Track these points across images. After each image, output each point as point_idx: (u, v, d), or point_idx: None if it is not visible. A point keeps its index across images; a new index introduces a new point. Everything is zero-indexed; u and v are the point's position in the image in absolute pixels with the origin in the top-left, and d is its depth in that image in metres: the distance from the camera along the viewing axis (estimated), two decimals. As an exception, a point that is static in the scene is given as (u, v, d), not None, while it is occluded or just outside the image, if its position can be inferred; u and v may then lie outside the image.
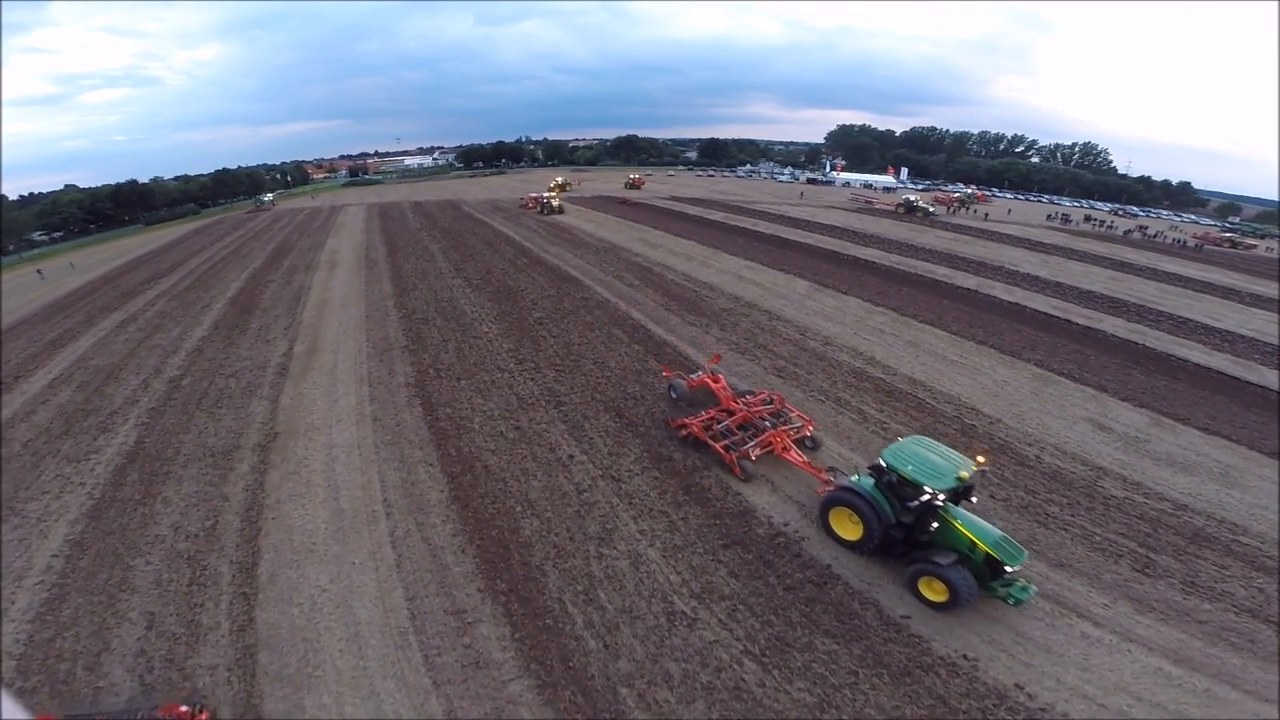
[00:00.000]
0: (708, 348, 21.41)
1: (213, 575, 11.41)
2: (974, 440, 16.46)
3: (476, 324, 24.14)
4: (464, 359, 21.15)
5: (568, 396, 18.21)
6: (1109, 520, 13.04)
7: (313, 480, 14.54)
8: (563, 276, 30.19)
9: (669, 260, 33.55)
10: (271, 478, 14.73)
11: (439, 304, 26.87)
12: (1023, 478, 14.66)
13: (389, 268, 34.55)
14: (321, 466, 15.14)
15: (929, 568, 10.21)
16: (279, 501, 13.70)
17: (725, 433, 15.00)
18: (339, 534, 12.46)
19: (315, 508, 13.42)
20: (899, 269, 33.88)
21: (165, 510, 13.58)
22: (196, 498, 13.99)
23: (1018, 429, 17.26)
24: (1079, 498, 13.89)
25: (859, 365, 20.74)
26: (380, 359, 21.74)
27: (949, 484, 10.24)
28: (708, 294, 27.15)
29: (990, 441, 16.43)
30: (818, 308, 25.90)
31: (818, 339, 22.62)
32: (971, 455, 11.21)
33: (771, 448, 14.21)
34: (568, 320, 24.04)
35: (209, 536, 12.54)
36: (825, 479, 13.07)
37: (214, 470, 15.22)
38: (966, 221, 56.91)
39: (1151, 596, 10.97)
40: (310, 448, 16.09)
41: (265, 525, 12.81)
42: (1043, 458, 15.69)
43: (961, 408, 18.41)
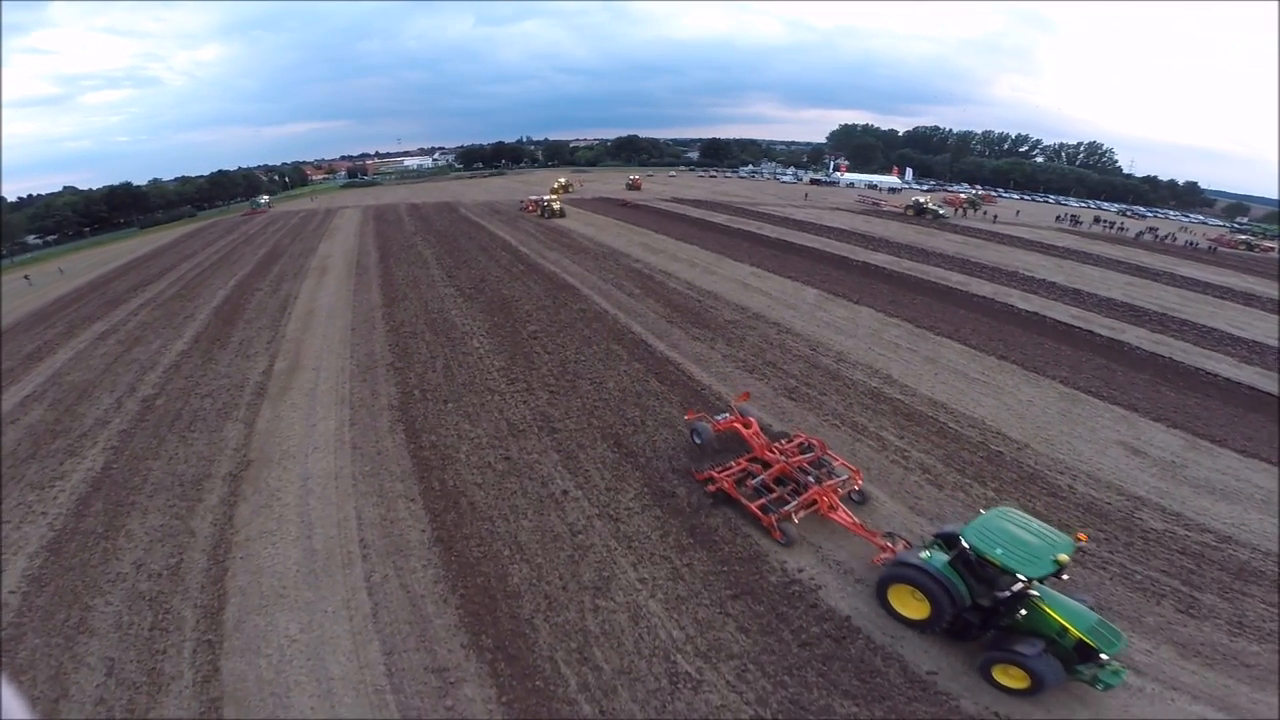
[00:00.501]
0: (712, 366, 20.08)
1: (176, 619, 10.63)
2: (1002, 469, 15.25)
3: (467, 338, 22.80)
4: (452, 378, 19.83)
5: (562, 422, 16.89)
6: (1149, 556, 12.07)
7: (285, 515, 13.45)
8: (560, 285, 28.85)
9: (671, 267, 32.19)
10: (241, 511, 13.66)
11: (429, 315, 25.54)
12: (1056, 511, 13.45)
13: (380, 275, 33.23)
14: (295, 500, 14.05)
15: (1010, 656, 8.72)
16: (248, 539, 12.68)
17: (761, 489, 12.99)
18: (311, 577, 11.43)
19: (286, 547, 12.39)
20: (911, 275, 32.49)
21: (128, 545, 12.72)
22: (161, 532, 13.07)
23: (1047, 455, 16.00)
24: (1116, 532, 12.81)
25: (875, 385, 19.38)
26: (364, 378, 20.44)
27: (1045, 569, 8.55)
28: (712, 304, 25.78)
29: (1019, 470, 15.24)
30: (829, 319, 24.53)
31: (830, 355, 21.25)
32: (1059, 524, 9.92)
33: (816, 507, 12.33)
34: (564, 334, 22.68)
35: (173, 576, 11.70)
36: (883, 545, 11.30)
37: (181, 502, 14.23)
38: (976, 224, 55.51)
39: (1196, 640, 10.10)
40: (284, 478, 14.99)
41: (233, 565, 11.88)
42: (1076, 488, 14.52)
43: (987, 432, 17.10)
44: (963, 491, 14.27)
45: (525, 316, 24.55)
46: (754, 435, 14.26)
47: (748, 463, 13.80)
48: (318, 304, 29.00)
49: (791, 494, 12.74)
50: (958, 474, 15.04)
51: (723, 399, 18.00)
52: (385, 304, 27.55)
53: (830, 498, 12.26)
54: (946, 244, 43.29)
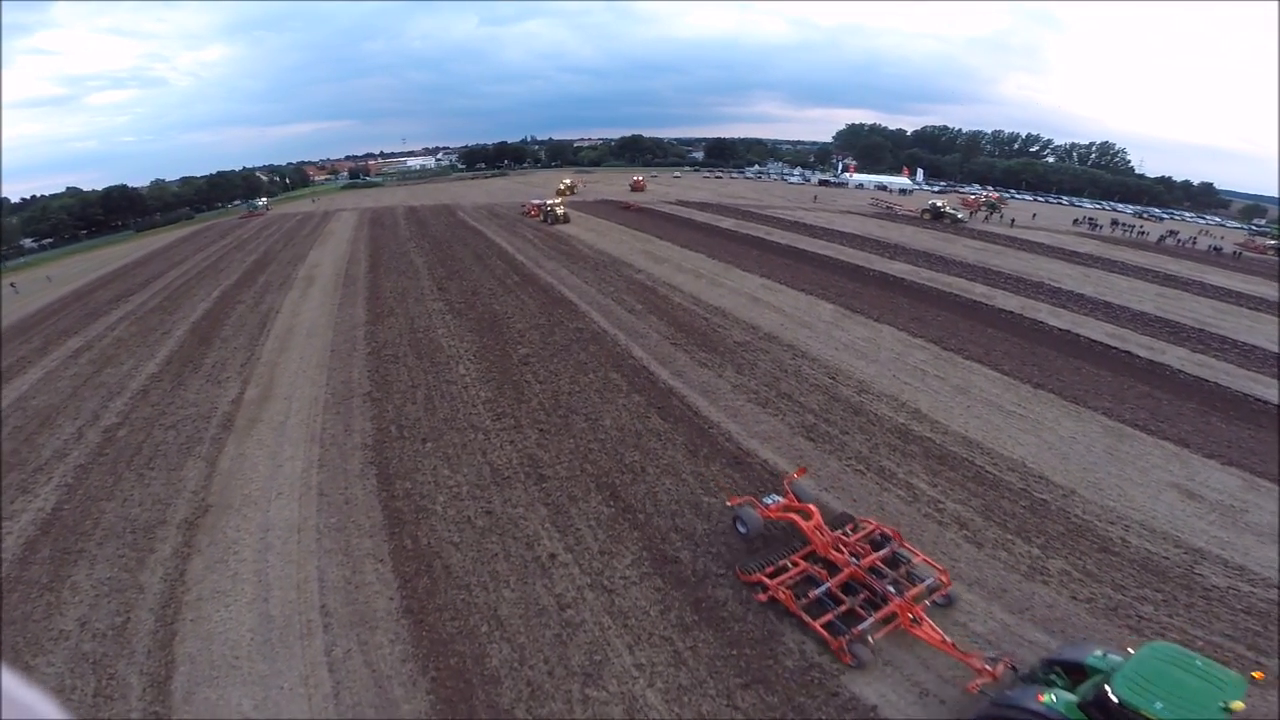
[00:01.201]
0: (721, 398, 18.14)
1: (121, 686, 9.79)
2: (1047, 521, 13.45)
3: (453, 363, 20.94)
4: (433, 411, 17.99)
5: (552, 468, 15.05)
6: (1212, 618, 10.75)
7: (241, 573, 12.08)
8: (556, 299, 26.93)
9: (675, 278, 30.22)
10: (194, 566, 12.35)
11: (414, 335, 23.69)
12: (1108, 569, 11.88)
13: (367, 286, 31.42)
14: (252, 555, 12.62)
15: None
16: (200, 599, 11.43)
17: (826, 598, 10.37)
18: (267, 648, 10.22)
19: (241, 610, 11.09)
20: (932, 287, 30.44)
21: (73, 599, 11.69)
22: (109, 586, 11.99)
23: (1096, 503, 14.18)
24: (1175, 590, 11.34)
25: (902, 421, 17.43)
26: (338, 410, 18.66)
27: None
28: (720, 323, 23.80)
29: (1066, 521, 13.46)
30: (847, 340, 22.53)
31: (851, 384, 19.27)
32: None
33: (896, 622, 9.84)
34: (558, 359, 20.78)
35: (119, 637, 10.72)
36: (982, 669, 8.89)
37: (132, 551, 12.99)
38: (993, 228, 53.31)
39: (1269, 718, 8.83)
40: (243, 528, 13.52)
41: (182, 628, 10.81)
42: (1129, 540, 12.83)
43: (1028, 477, 15.20)
44: (1005, 550, 12.53)
45: (517, 337, 22.66)
46: (816, 530, 11.45)
47: (807, 562, 11.18)
48: (299, 320, 27.23)
49: (865, 604, 10.30)
50: (998, 528, 13.22)
51: (732, 439, 16.11)
52: (369, 321, 25.74)
53: (914, 610, 9.91)
54: (965, 251, 41.18)
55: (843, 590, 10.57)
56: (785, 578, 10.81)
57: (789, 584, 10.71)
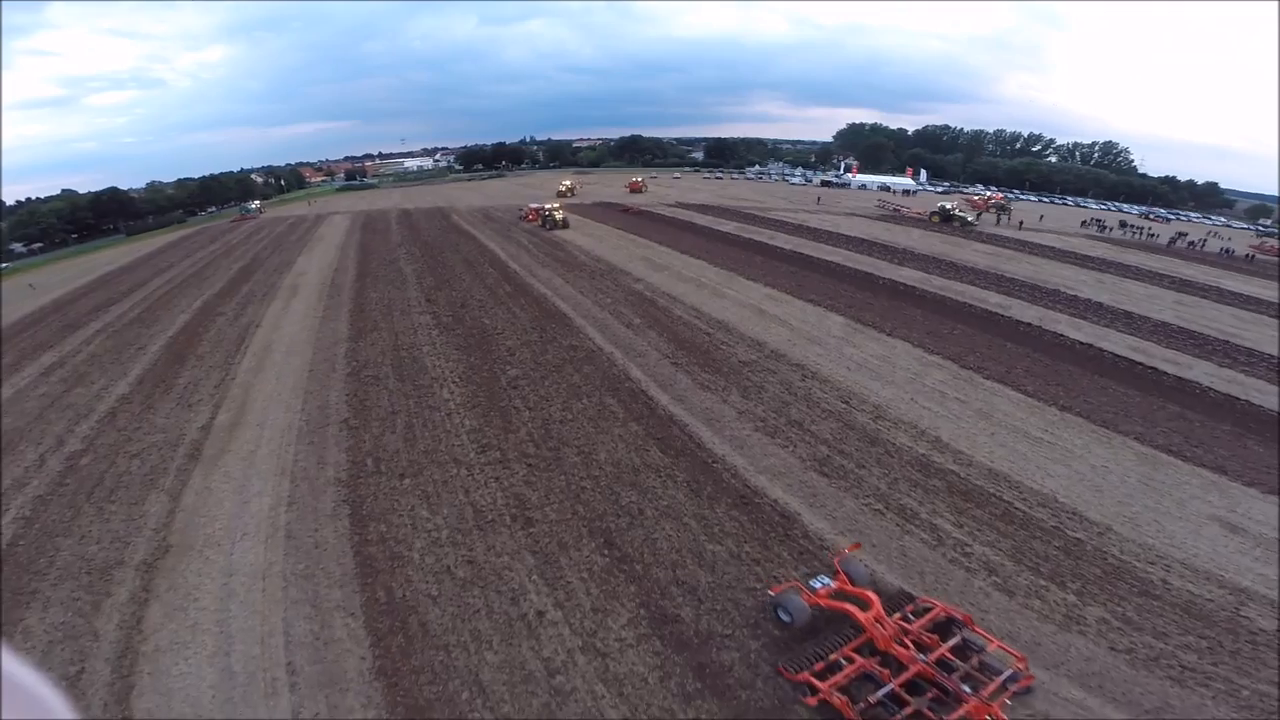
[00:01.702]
0: (726, 427, 16.70)
1: None
2: (1082, 563, 12.22)
3: (437, 386, 19.50)
4: (413, 443, 16.57)
5: (540, 510, 13.64)
6: (1258, 665, 9.91)
7: (201, 623, 11.13)
8: (549, 312, 25.46)
9: (676, 288, 28.77)
10: (153, 613, 11.40)
11: (397, 353, 22.25)
12: (1149, 615, 10.83)
13: (352, 297, 29.97)
14: (214, 603, 11.56)
15: None
16: (158, 650, 10.58)
17: (889, 701, 8.80)
18: (229, 707, 9.47)
19: (201, 664, 10.23)
20: (945, 296, 29.00)
21: (25, 645, 10.98)
22: (63, 631, 11.20)
23: (1134, 541, 12.94)
24: (1220, 636, 10.40)
25: (923, 451, 16.01)
26: (311, 440, 17.26)
27: None
28: (723, 338, 22.35)
29: (1104, 564, 12.25)
30: (860, 358, 21.08)
31: (866, 409, 17.84)
32: None
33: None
34: (550, 381, 19.33)
35: (73, 688, 10.07)
36: None
37: (87, 595, 12.09)
38: (1001, 231, 51.86)
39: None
40: (204, 572, 12.41)
41: (139, 681, 10.05)
42: (1170, 581, 11.74)
43: (1060, 513, 13.83)
44: (1038, 598, 11.29)
45: (506, 355, 21.20)
46: (873, 621, 9.63)
47: (863, 657, 9.46)
48: (279, 336, 25.80)
49: (934, 704, 8.69)
50: (1031, 573, 11.95)
51: (739, 475, 14.70)
52: (351, 336, 24.29)
53: (992, 711, 8.33)
54: (976, 256, 39.76)
55: (907, 689, 8.91)
56: (839, 678, 9.03)
57: (844, 683, 8.99)
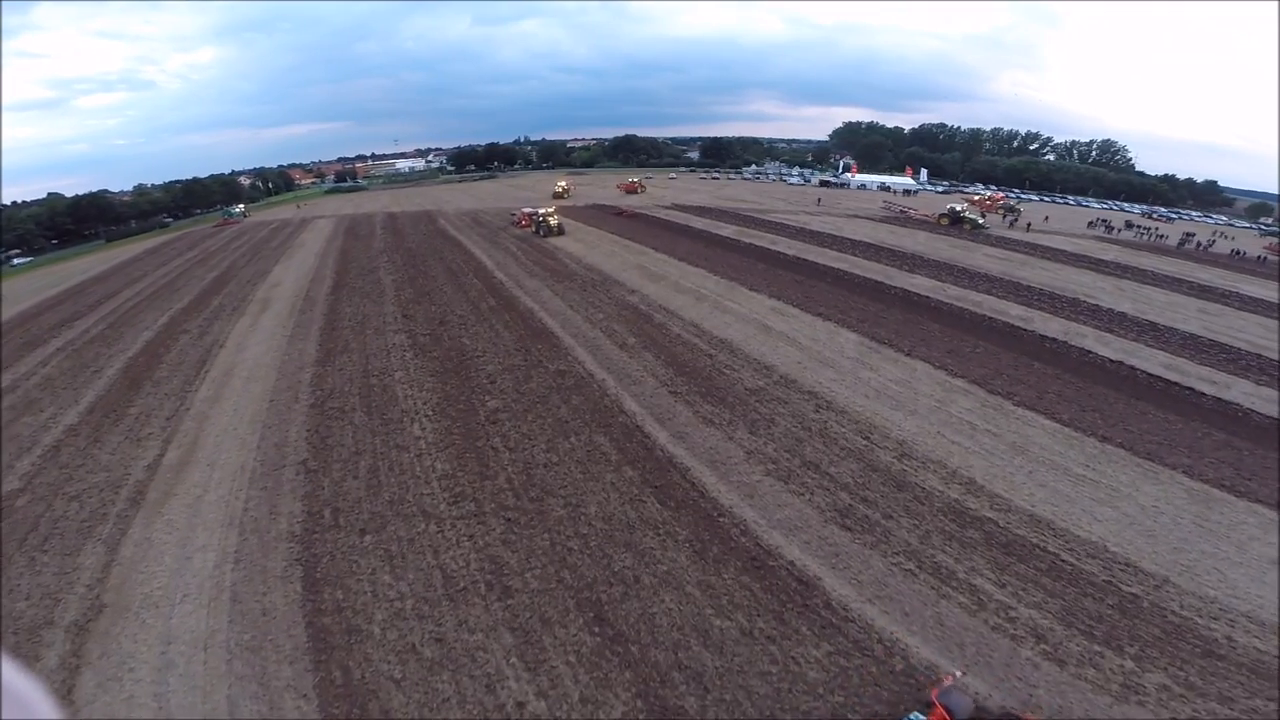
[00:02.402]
0: (733, 471, 14.70)
1: None
2: (1139, 622, 10.74)
3: (407, 420, 17.42)
4: (377, 490, 14.54)
5: (521, 577, 11.68)
6: None
7: (137, 696, 9.82)
8: (536, 330, 23.37)
9: (674, 301, 26.71)
10: (83, 683, 10.14)
11: (366, 380, 20.15)
12: (1214, 678, 9.69)
13: (325, 312, 27.83)
14: (150, 675, 10.18)
15: None
16: None
17: None
18: None
19: None
20: (962, 308, 27.04)
21: None
22: None
23: (1193, 593, 11.47)
24: None
25: (956, 495, 14.09)
26: (265, 484, 15.25)
27: None
28: (727, 361, 20.32)
29: (1162, 621, 10.80)
30: (878, 383, 19.10)
31: (889, 446, 15.87)
32: None
33: None
34: (534, 414, 17.28)
35: None
36: None
37: (13, 658, 9.51)
38: (1009, 233, 49.98)
39: None
40: (141, 638, 10.93)
41: None
42: (1235, 639, 10.41)
43: (1112, 565, 12.18)
44: (1092, 666, 9.86)
45: (486, 383, 19.13)
46: None
47: None
48: (242, 358, 23.66)
49: None
50: (1084, 637, 10.42)
51: (749, 531, 12.77)
52: (319, 360, 22.18)
53: None
54: (987, 261, 37.85)
55: None
56: None
57: None
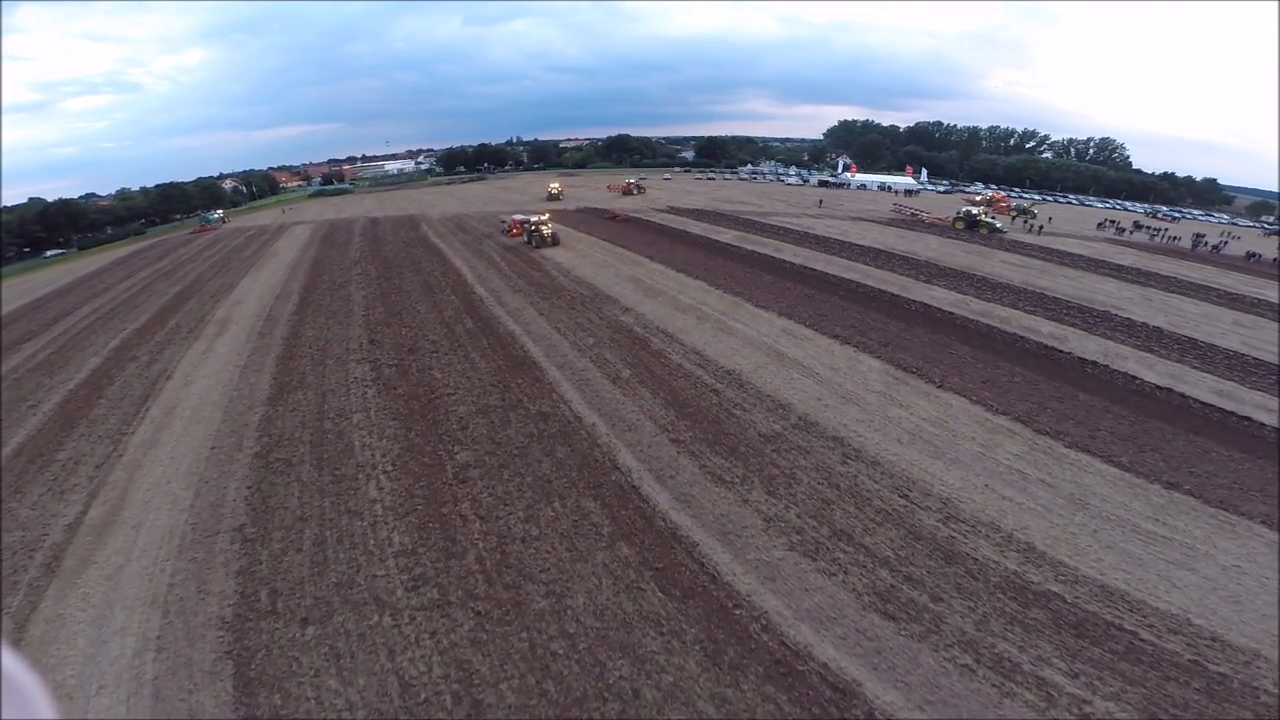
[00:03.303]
0: (750, 547, 12.22)
1: None
2: (1229, 705, 8.89)
3: (363, 478, 14.85)
4: (323, 568, 12.04)
5: (494, 689, 9.27)
6: None
7: None
8: (517, 360, 20.74)
9: (673, 321, 24.14)
10: None
11: (320, 424, 17.53)
12: None
13: (285, 336, 25.17)
14: None
15: None
16: None
17: None
18: None
19: None
20: (989, 325, 24.68)
21: None
22: None
23: None
24: None
25: (1014, 567, 11.75)
26: (195, 554, 12.78)
27: None
28: (736, 398, 17.76)
29: (1255, 704, 8.96)
30: (911, 423, 16.65)
31: (932, 505, 13.46)
32: None
33: None
34: (511, 471, 14.72)
35: None
36: None
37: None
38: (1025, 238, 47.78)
39: None
40: None
41: None
42: None
43: (1197, 641, 10.15)
44: None
45: (457, 429, 16.52)
46: None
47: None
48: (188, 393, 21.03)
49: None
50: None
51: (771, 626, 10.34)
52: (271, 397, 19.56)
53: None
54: (1005, 268, 35.60)
55: None
56: None
57: None
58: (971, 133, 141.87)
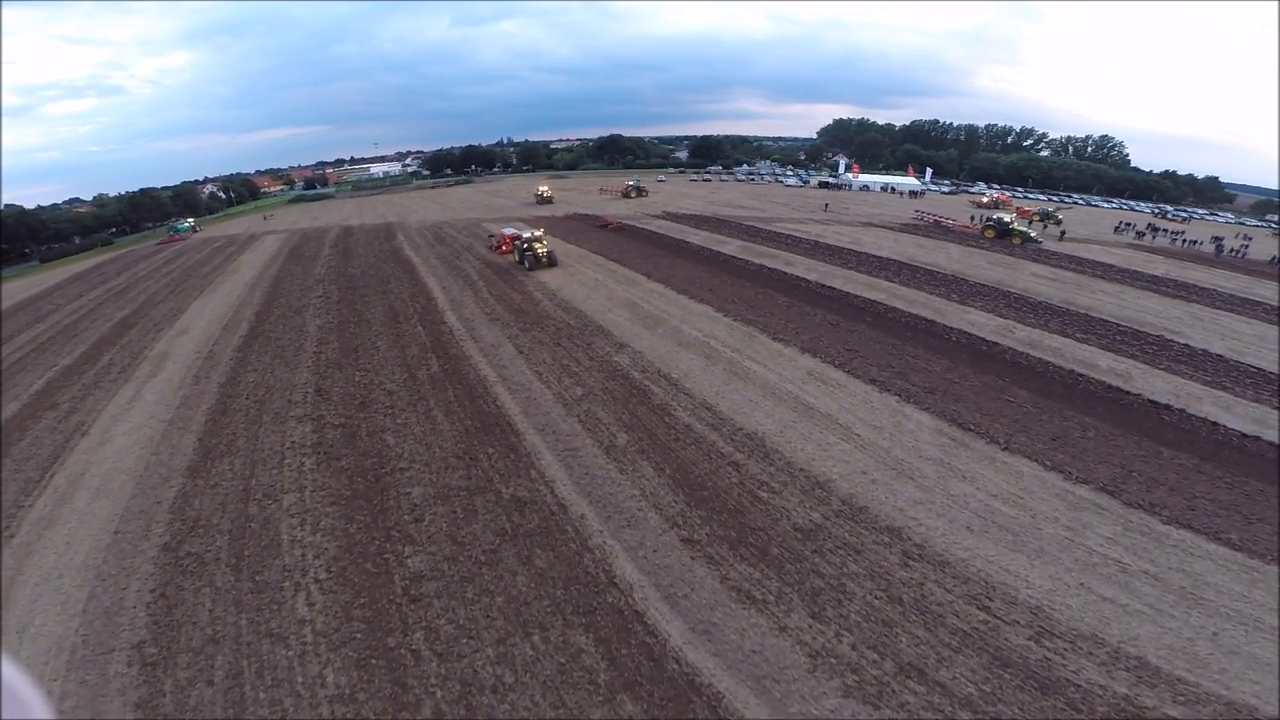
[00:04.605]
0: (791, 693, 8.84)
1: None
2: None
3: (290, 585, 11.32)
4: (239, 709, 8.56)
5: None
6: None
7: None
8: (488, 418, 17.01)
9: (677, 363, 20.30)
10: None
11: (245, 507, 13.96)
12: None
13: (223, 381, 21.46)
14: None
15: None
16: None
17: None
18: None
19: None
20: (1042, 360, 21.33)
21: None
22: None
23: None
24: None
25: (1126, 691, 9.19)
26: (85, 676, 9.61)
27: None
28: (761, 474, 14.15)
29: None
30: (980, 503, 13.28)
31: (1020, 618, 10.16)
32: None
33: None
34: (477, 586, 11.18)
35: None
36: None
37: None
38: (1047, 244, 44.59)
39: None
40: None
41: None
42: None
43: None
44: None
45: (410, 521, 12.97)
46: None
47: None
48: (102, 454, 17.40)
49: None
50: None
51: None
52: (193, 464, 15.96)
53: None
54: (1038, 282, 32.38)
55: None
56: None
57: None
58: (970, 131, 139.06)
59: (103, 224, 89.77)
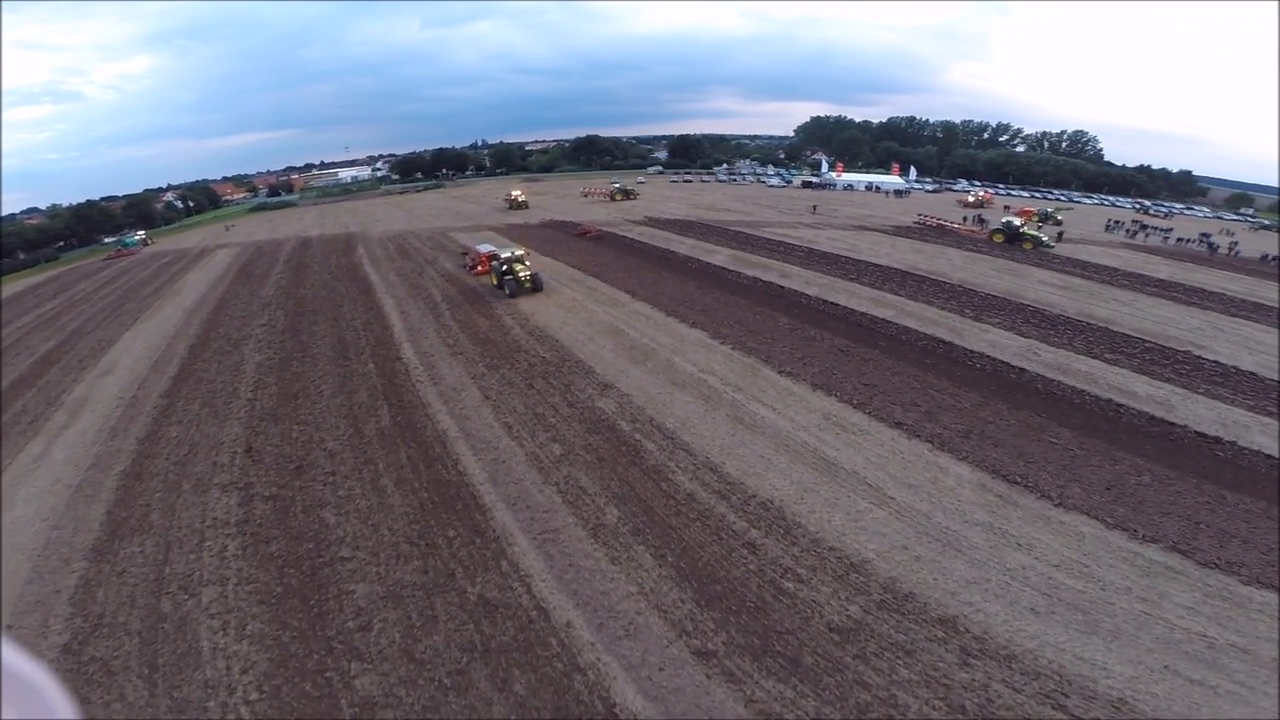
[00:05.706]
0: None
1: None
2: None
3: (216, 707, 8.64)
4: None
5: None
6: None
7: None
8: (448, 489, 13.99)
9: (671, 408, 17.35)
10: None
11: (158, 600, 11.01)
12: None
13: (142, 436, 18.26)
14: None
15: None
16: None
17: None
18: None
19: None
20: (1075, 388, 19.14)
21: None
22: None
23: None
24: None
25: None
26: None
27: None
28: (783, 558, 11.49)
29: None
30: (1041, 576, 10.93)
31: (1103, 716, 7.86)
32: None
33: None
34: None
35: None
36: None
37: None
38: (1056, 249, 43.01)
39: None
40: None
41: None
42: None
43: None
44: None
45: (355, 629, 10.16)
46: None
47: None
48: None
49: None
50: None
51: None
52: (99, 543, 12.96)
53: None
54: (1049, 291, 30.56)
55: None
56: None
57: None
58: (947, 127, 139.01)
59: (49, 237, 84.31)
